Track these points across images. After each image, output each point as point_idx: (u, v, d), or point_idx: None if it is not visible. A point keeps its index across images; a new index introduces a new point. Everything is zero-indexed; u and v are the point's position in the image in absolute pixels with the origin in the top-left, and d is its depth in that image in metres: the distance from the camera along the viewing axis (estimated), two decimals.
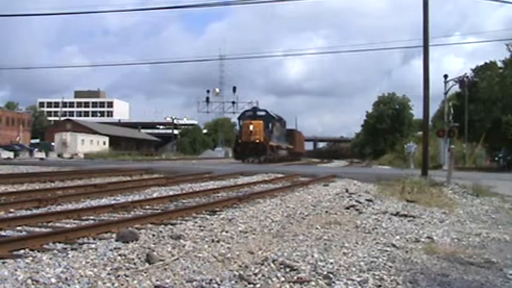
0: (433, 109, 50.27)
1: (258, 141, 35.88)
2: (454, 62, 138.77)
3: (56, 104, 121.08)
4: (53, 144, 62.43)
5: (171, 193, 11.47)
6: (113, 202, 9.50)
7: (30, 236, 5.76)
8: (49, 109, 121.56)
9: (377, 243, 6.09)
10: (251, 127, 36.11)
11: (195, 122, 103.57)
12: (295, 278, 4.40)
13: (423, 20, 18.29)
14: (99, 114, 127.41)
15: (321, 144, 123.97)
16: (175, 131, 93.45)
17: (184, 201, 10.19)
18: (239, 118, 40.49)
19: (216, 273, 4.44)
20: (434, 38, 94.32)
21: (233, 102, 51.55)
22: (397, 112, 77.00)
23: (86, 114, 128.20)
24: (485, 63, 45.02)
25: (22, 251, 5.16)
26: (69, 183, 14.09)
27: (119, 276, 4.28)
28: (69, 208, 8.66)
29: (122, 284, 4.09)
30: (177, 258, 4.96)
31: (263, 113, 39.32)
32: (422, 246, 6.06)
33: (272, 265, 4.75)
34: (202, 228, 6.72)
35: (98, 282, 4.08)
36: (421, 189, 12.94)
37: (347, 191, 12.70)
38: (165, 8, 48.02)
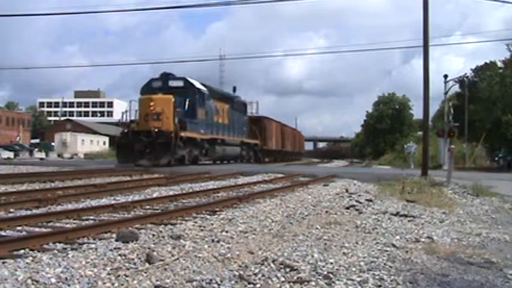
0: (433, 109, 50.38)
1: (158, 129, 21.48)
2: (454, 62, 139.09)
3: (56, 104, 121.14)
4: (53, 144, 62.46)
5: (171, 193, 11.46)
6: (113, 202, 9.48)
7: (30, 236, 5.75)
8: (49, 109, 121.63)
9: (377, 243, 6.08)
10: (151, 106, 21.97)
11: None
12: (295, 278, 4.40)
13: (423, 20, 18.30)
14: (99, 114, 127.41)
15: (321, 144, 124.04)
16: None
17: (184, 201, 10.19)
18: (141, 93, 24.56)
19: (216, 273, 4.44)
20: (435, 38, 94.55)
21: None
22: (397, 112, 77.10)
23: (86, 114, 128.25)
24: (485, 63, 45.07)
25: (22, 251, 5.15)
26: (69, 183, 14.09)
27: (119, 276, 4.28)
28: (69, 208, 8.65)
29: (122, 284, 4.10)
30: (177, 258, 4.96)
31: (180, 83, 24.03)
32: (422, 246, 6.06)
33: (272, 265, 4.75)
34: (202, 228, 6.72)
35: (98, 282, 4.08)
36: (421, 189, 12.94)
37: (347, 191, 12.70)
38: (165, 8, 48.10)
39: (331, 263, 4.90)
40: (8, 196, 10.08)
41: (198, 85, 25.19)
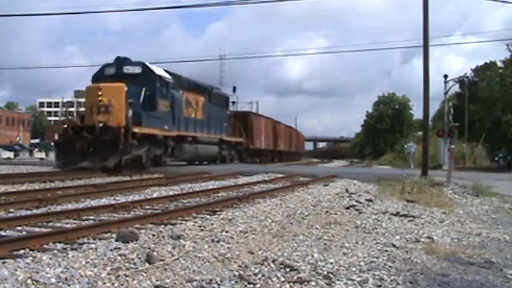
0: (433, 109, 50.38)
1: (103, 124, 17.69)
2: (454, 62, 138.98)
3: (56, 104, 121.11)
4: (53, 144, 62.35)
5: (171, 193, 11.46)
6: (113, 202, 9.49)
7: (30, 236, 5.76)
8: (49, 109, 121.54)
9: (377, 243, 6.08)
10: (99, 96, 18.14)
11: None
12: (295, 278, 4.40)
13: (423, 20, 18.30)
14: None
15: (321, 144, 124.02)
16: None
17: (184, 201, 10.19)
18: (92, 82, 20.38)
19: (216, 273, 4.44)
20: (435, 38, 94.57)
21: (233, 102, 51.36)
22: (397, 112, 77.14)
23: None
24: (485, 63, 45.06)
25: (22, 251, 5.15)
26: (69, 183, 14.08)
27: (119, 276, 4.28)
28: (69, 208, 8.65)
29: (122, 284, 4.10)
30: (177, 258, 4.96)
31: (137, 69, 19.90)
32: (422, 246, 6.06)
33: (272, 265, 4.75)
34: (202, 228, 6.72)
35: (98, 282, 4.08)
36: (421, 189, 12.94)
37: (347, 191, 12.69)
38: (165, 8, 48.12)
39: (331, 263, 4.90)
40: (8, 196, 10.08)
41: (159, 72, 20.73)
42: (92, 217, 7.79)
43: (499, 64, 41.83)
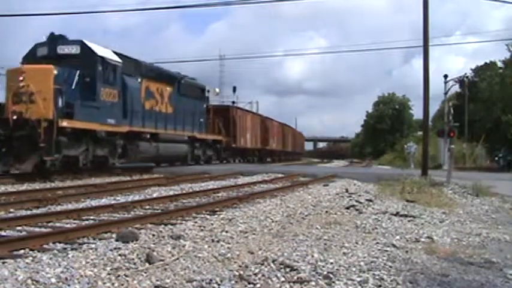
0: (433, 109, 50.29)
1: (18, 116, 14.28)
2: (454, 62, 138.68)
3: None
4: None
5: (171, 193, 11.47)
6: (113, 202, 9.50)
7: (30, 236, 5.76)
8: None
9: (377, 243, 6.08)
10: (20, 81, 14.69)
11: None
12: (295, 278, 4.40)
13: (423, 20, 18.30)
14: None
15: (321, 144, 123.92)
16: None
17: (184, 201, 10.19)
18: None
19: (216, 273, 4.44)
20: (435, 38, 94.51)
21: (233, 102, 51.39)
22: (397, 112, 77.19)
23: None
24: (485, 63, 45.11)
25: (22, 251, 5.16)
26: (69, 183, 14.08)
27: (119, 276, 4.28)
28: (69, 208, 8.66)
29: (122, 284, 4.10)
30: (177, 258, 4.96)
31: (74, 49, 16.36)
32: (422, 246, 6.06)
33: (272, 265, 4.75)
34: (202, 228, 6.72)
35: (98, 282, 4.08)
36: (421, 189, 12.95)
37: (347, 191, 12.69)
38: (165, 8, 48.09)
39: (331, 263, 4.90)
40: (8, 196, 10.09)
41: (103, 52, 16.85)
42: (92, 217, 7.80)
43: (499, 64, 41.84)
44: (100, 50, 16.89)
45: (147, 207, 9.11)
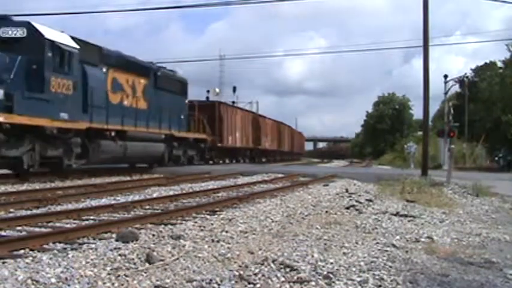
0: (433, 109, 50.30)
1: None
2: (455, 62, 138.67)
3: None
4: None
5: (171, 193, 11.47)
6: (113, 202, 9.50)
7: (30, 236, 5.76)
8: None
9: (377, 243, 6.08)
10: None
11: None
12: (295, 278, 4.40)
13: (423, 20, 18.32)
14: None
15: (321, 144, 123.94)
16: None
17: (184, 201, 10.20)
18: None
19: (216, 273, 4.44)
20: (435, 38, 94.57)
21: (233, 102, 51.39)
22: (397, 112, 77.14)
23: None
24: (485, 63, 45.15)
25: (22, 251, 5.15)
26: (69, 183, 14.08)
27: (119, 276, 4.28)
28: (69, 208, 8.66)
29: (122, 284, 4.10)
30: (177, 258, 4.96)
31: (20, 32, 13.78)
32: (422, 246, 6.06)
33: (272, 265, 4.75)
34: (202, 228, 6.72)
35: (98, 282, 4.08)
36: (421, 189, 12.95)
37: (347, 191, 12.70)
38: (165, 8, 48.11)
39: (331, 263, 4.90)
40: (8, 196, 10.09)
41: (54, 36, 14.45)
42: (92, 217, 7.80)
43: (499, 64, 41.84)
44: (50, 33, 14.34)
45: (147, 207, 9.11)
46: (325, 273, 4.53)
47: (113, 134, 17.30)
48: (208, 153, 26.70)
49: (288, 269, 4.63)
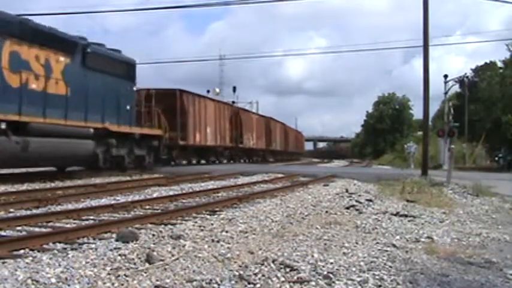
0: (433, 109, 50.31)
1: None
2: (455, 61, 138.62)
3: None
4: None
5: (171, 193, 11.47)
6: (113, 202, 9.50)
7: (30, 236, 5.76)
8: None
9: (377, 243, 6.09)
10: None
11: None
12: (295, 278, 4.40)
13: (423, 20, 18.33)
14: None
15: (321, 144, 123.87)
16: None
17: (184, 201, 10.20)
18: None
19: (216, 273, 4.44)
20: (435, 38, 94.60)
21: (233, 102, 51.47)
22: (397, 112, 77.16)
23: None
24: (486, 63, 45.09)
25: (22, 251, 5.15)
26: (69, 183, 14.08)
27: (118, 276, 4.28)
28: (69, 208, 8.66)
29: (122, 284, 4.10)
30: (177, 258, 4.96)
31: None
32: (422, 246, 6.06)
33: (272, 265, 4.75)
34: (202, 228, 6.72)
35: (98, 282, 4.08)
36: (421, 189, 12.95)
37: (347, 191, 12.70)
38: (165, 8, 47.97)
39: (331, 263, 4.90)
40: (8, 196, 10.09)
41: None
42: (92, 217, 7.80)
43: (499, 64, 41.82)
44: None
45: (147, 207, 9.11)
46: (325, 273, 4.53)
47: (2, 126, 12.66)
48: (166, 152, 22.02)
49: (288, 269, 4.63)
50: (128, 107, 18.45)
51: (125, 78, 18.42)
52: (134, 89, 19.29)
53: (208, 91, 52.75)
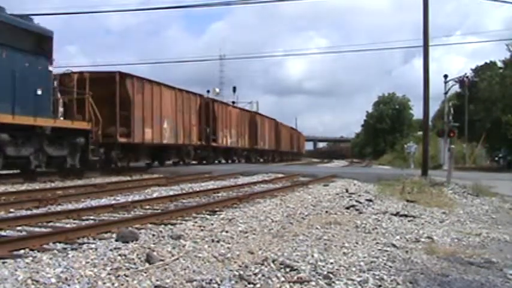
0: (433, 109, 50.29)
1: None
2: (455, 61, 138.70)
3: None
4: None
5: (171, 193, 11.47)
6: (113, 202, 9.50)
7: (30, 236, 5.76)
8: None
9: (377, 243, 6.09)
10: None
11: None
12: (295, 278, 4.40)
13: (423, 20, 18.31)
14: None
15: (321, 144, 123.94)
16: None
17: (184, 201, 10.20)
18: None
19: (216, 273, 4.44)
20: (435, 38, 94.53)
21: (233, 102, 51.43)
22: (397, 112, 77.18)
23: None
24: (485, 63, 45.09)
25: (22, 251, 5.16)
26: (69, 183, 14.09)
27: (118, 276, 4.28)
28: (69, 208, 8.66)
29: (122, 284, 4.10)
30: (177, 258, 4.96)
31: None
32: (422, 246, 6.06)
33: (272, 265, 4.75)
34: (202, 228, 6.72)
35: (98, 282, 4.08)
36: (421, 189, 12.95)
37: (347, 191, 12.70)
38: (165, 8, 47.81)
39: (331, 263, 4.90)
40: (8, 196, 10.09)
41: None
42: (92, 217, 7.80)
43: (499, 64, 41.80)
44: None
45: (147, 207, 9.11)
46: (325, 273, 4.53)
47: None
48: (101, 153, 17.38)
49: (288, 269, 4.63)
50: (39, 92, 13.96)
51: (35, 53, 14.03)
52: (50, 68, 14.79)
53: (208, 91, 52.58)
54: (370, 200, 10.64)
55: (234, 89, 53.64)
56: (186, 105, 24.17)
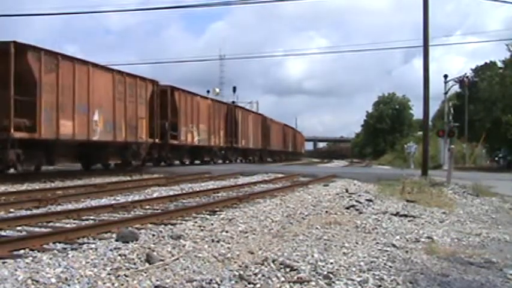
0: (433, 109, 50.27)
1: None
2: (455, 61, 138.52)
3: None
4: None
5: (171, 193, 11.47)
6: (113, 202, 9.50)
7: (30, 236, 5.77)
8: None
9: (377, 243, 6.09)
10: None
11: None
12: (295, 278, 4.40)
13: (423, 20, 18.31)
14: None
15: (321, 144, 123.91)
16: None
17: (184, 201, 10.20)
18: None
19: (216, 273, 4.44)
20: (435, 38, 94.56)
21: (233, 102, 51.48)
22: (397, 112, 77.21)
23: None
24: (485, 63, 45.04)
25: (22, 251, 5.16)
26: (69, 183, 14.09)
27: (118, 276, 4.28)
28: (69, 208, 8.66)
29: (122, 284, 4.10)
30: (177, 258, 4.96)
31: None
32: (422, 246, 6.06)
33: (272, 265, 4.75)
34: (202, 228, 6.72)
35: (98, 282, 4.08)
36: (421, 189, 12.94)
37: (347, 191, 12.70)
38: (165, 8, 47.77)
39: (331, 263, 4.90)
40: (8, 196, 10.09)
41: None
42: (92, 217, 7.80)
43: (499, 64, 41.79)
44: None
45: (147, 207, 9.11)
46: (325, 273, 4.53)
47: None
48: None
49: (288, 269, 4.63)
50: None
51: None
52: None
53: (208, 91, 52.66)
54: (370, 200, 10.64)
55: (234, 89, 53.61)
56: (130, 92, 18.62)
